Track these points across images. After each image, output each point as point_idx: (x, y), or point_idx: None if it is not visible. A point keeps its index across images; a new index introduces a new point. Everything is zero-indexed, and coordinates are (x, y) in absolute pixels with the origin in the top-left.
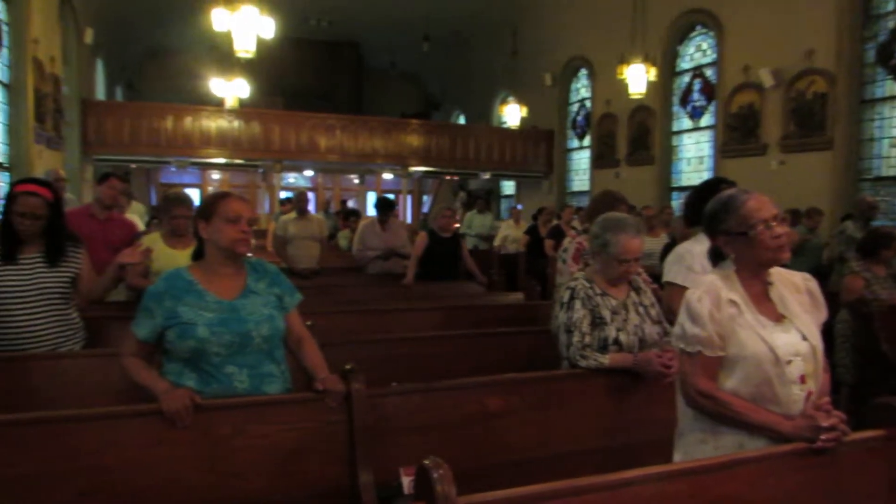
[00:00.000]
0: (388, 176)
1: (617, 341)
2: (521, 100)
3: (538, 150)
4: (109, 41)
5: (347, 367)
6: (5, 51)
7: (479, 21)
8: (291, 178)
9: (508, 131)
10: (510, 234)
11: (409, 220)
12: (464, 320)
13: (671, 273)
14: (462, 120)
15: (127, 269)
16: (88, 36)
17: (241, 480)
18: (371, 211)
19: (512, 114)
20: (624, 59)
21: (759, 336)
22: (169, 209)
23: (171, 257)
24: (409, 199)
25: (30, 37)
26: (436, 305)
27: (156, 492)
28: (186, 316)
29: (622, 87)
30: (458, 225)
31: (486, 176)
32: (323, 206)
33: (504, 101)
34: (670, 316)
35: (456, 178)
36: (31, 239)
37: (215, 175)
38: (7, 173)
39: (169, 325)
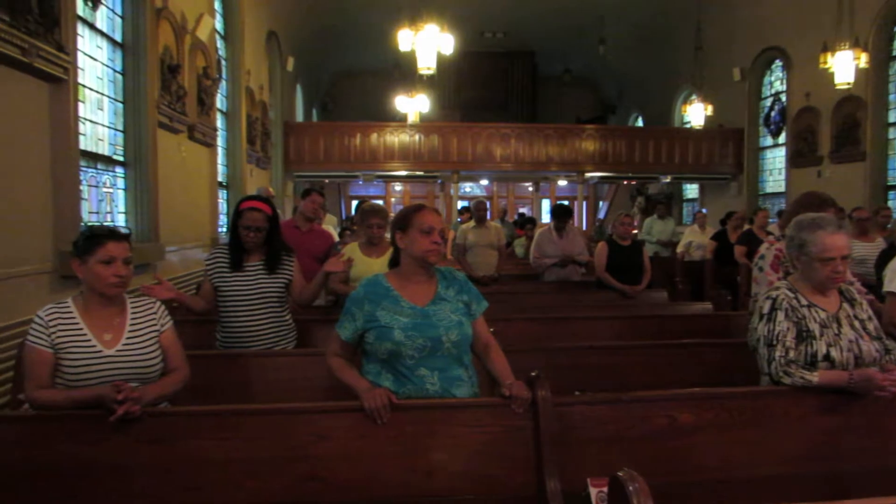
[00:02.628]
0: (562, 182)
1: (828, 357)
2: (707, 98)
3: (725, 150)
4: (307, 67)
5: (533, 373)
6: (224, 83)
7: (658, 19)
8: (468, 187)
9: (692, 131)
10: (695, 240)
11: (584, 226)
12: (647, 330)
13: (893, 282)
14: (640, 122)
15: (330, 276)
16: (290, 64)
17: (433, 479)
18: (545, 218)
19: (696, 113)
20: (827, 47)
21: None
22: (365, 219)
23: (366, 265)
24: (584, 205)
25: (243, 69)
26: (617, 314)
27: (359, 483)
28: (384, 320)
29: (825, 77)
30: (636, 231)
31: (667, 179)
32: (499, 214)
33: (687, 100)
34: (891, 329)
35: (633, 182)
36: (254, 249)
37: (398, 186)
38: (225, 191)
39: (368, 327)
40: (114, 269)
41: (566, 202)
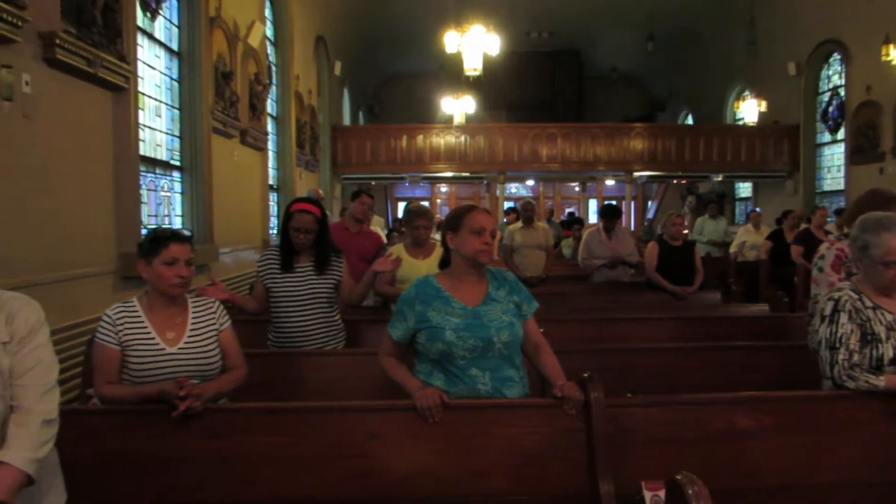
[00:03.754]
0: (610, 182)
1: (895, 361)
2: (760, 93)
3: (780, 148)
4: (353, 71)
5: (585, 374)
6: (274, 88)
7: (709, 13)
8: (513, 188)
9: (744, 128)
10: (748, 239)
11: (632, 227)
12: (700, 332)
13: None
14: (690, 120)
15: (377, 277)
16: (337, 68)
17: (484, 479)
18: (592, 219)
19: (749, 109)
20: (890, 38)
21: None
22: (411, 220)
23: (412, 266)
24: (632, 205)
25: (292, 74)
26: (669, 315)
27: (411, 481)
28: (435, 320)
29: (887, 69)
30: (686, 231)
31: (718, 178)
32: (546, 214)
33: (740, 97)
34: None
35: (683, 181)
36: (304, 250)
37: (443, 188)
38: (276, 193)
39: (420, 328)
40: (176, 269)
41: (614, 202)
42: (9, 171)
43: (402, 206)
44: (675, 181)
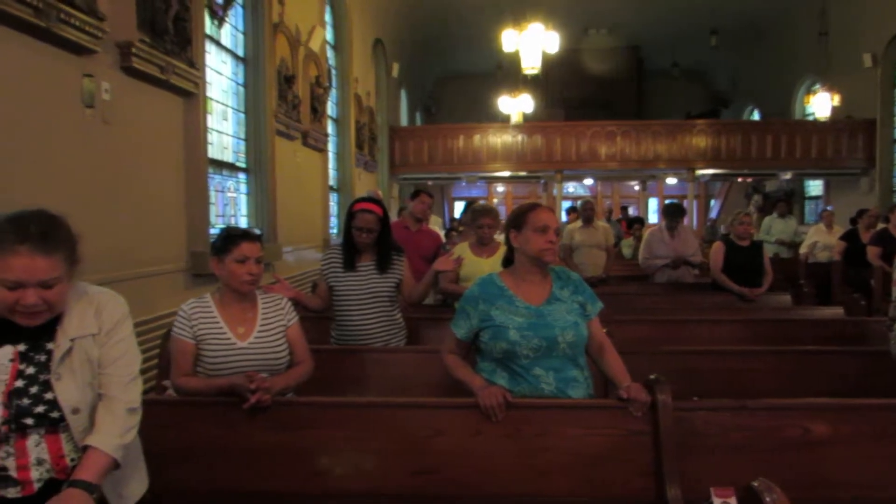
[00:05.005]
0: (671, 181)
1: None
2: (833, 87)
3: (854, 144)
4: (410, 72)
5: (652, 376)
6: (334, 91)
7: (776, 5)
8: (570, 187)
9: (815, 124)
10: (820, 240)
11: (694, 226)
12: (769, 335)
13: None
14: (756, 116)
15: (440, 275)
16: (395, 70)
17: (548, 479)
18: (652, 218)
19: (820, 104)
20: None
21: None
22: (476, 219)
23: (476, 264)
24: (694, 204)
25: (352, 77)
26: (736, 318)
27: (474, 479)
28: (499, 319)
29: None
30: (752, 231)
31: (787, 176)
32: (605, 213)
33: (810, 91)
34: None
35: (749, 179)
36: (366, 249)
37: (500, 188)
38: (336, 194)
39: (483, 326)
40: (247, 267)
41: (675, 201)
42: (92, 175)
43: (458, 205)
44: (739, 179)
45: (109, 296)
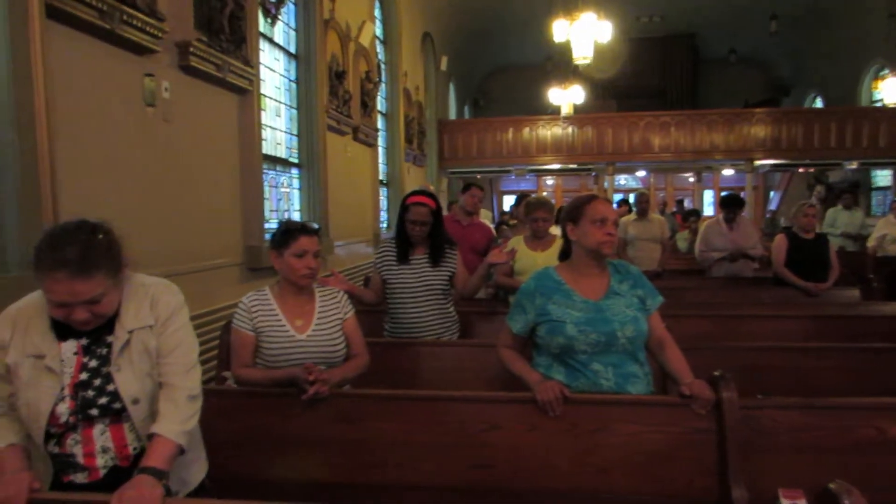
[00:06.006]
0: (727, 172)
1: None
2: None
3: None
4: (459, 65)
5: (716, 373)
6: (383, 86)
7: None
8: (622, 179)
9: (885, 110)
10: (890, 232)
11: (752, 218)
12: (835, 332)
13: None
14: (819, 103)
15: (495, 269)
16: (443, 64)
17: (607, 475)
18: (707, 211)
19: (890, 89)
20: None
21: None
22: (530, 212)
23: (530, 258)
24: (752, 195)
25: (401, 71)
26: (800, 313)
27: (531, 473)
28: (556, 314)
29: None
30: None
31: (852, 166)
32: (659, 206)
33: (879, 76)
34: None
35: (811, 170)
36: (419, 242)
37: (549, 181)
38: (385, 188)
39: (540, 321)
40: (305, 261)
41: (732, 192)
42: (153, 172)
43: (507, 199)
44: (801, 170)
45: (164, 286)
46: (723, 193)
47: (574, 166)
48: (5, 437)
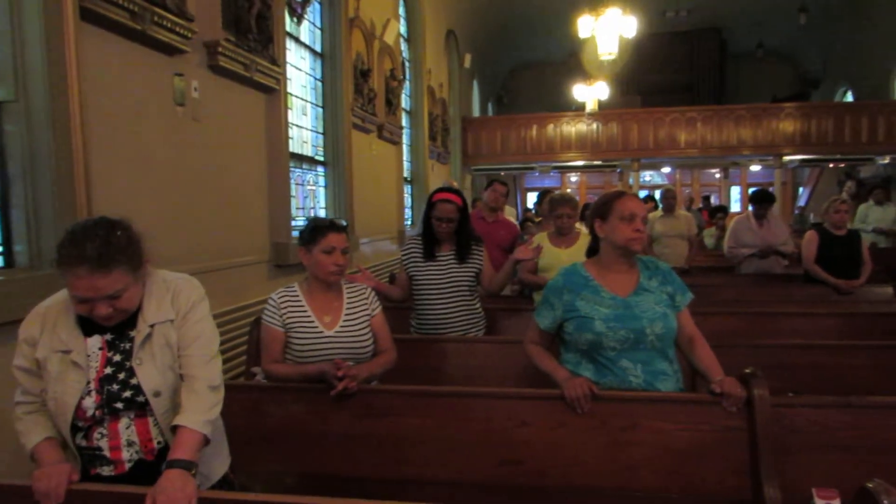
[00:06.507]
0: (755, 168)
1: None
2: None
3: None
4: (483, 63)
5: (747, 370)
6: (408, 83)
7: None
8: (647, 175)
9: None
10: None
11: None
12: (868, 329)
13: None
14: (849, 97)
15: (519, 265)
16: (467, 61)
17: (636, 473)
18: (734, 207)
19: None
20: None
21: None
22: (554, 209)
23: (555, 255)
24: (781, 191)
25: (425, 69)
26: (832, 311)
27: (559, 471)
28: (584, 310)
29: None
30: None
31: (884, 160)
32: (686, 202)
33: None
34: None
35: (841, 165)
36: (445, 239)
37: (573, 177)
38: (409, 186)
39: (568, 317)
40: (334, 258)
41: (762, 188)
42: (183, 170)
43: (531, 196)
44: (831, 165)
45: (184, 280)
46: (751, 189)
47: (598, 163)
48: (41, 432)
